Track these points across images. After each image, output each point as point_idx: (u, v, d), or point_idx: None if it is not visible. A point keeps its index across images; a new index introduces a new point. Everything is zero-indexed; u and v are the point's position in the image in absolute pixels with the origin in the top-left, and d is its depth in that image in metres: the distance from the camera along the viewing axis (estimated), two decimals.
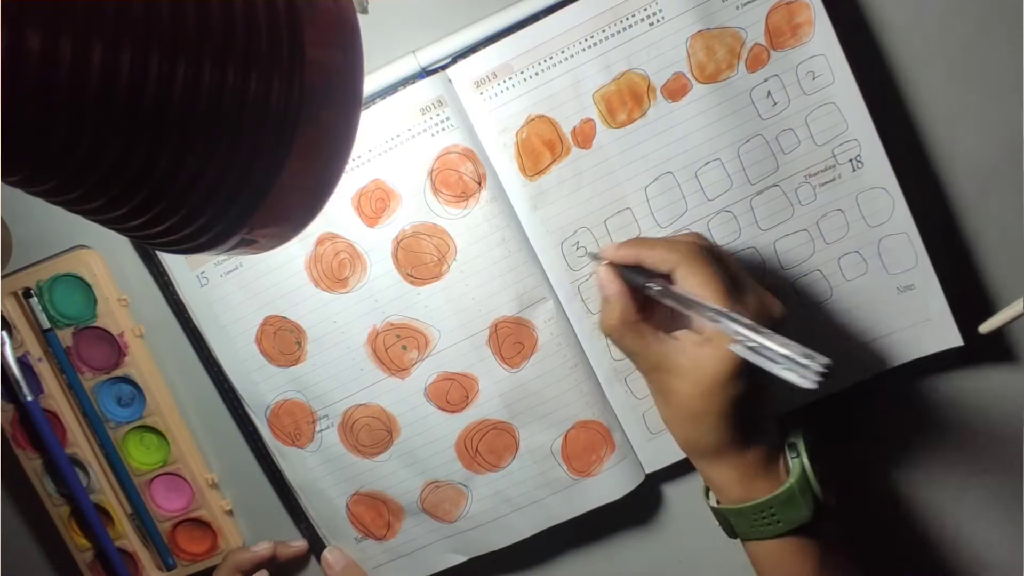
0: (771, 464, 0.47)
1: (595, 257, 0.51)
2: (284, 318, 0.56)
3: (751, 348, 0.42)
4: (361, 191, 0.54)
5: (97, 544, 0.60)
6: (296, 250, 0.55)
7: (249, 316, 0.56)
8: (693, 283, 0.45)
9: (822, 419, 0.56)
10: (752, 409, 0.46)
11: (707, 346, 0.44)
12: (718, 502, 0.49)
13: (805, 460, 0.47)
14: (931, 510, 0.59)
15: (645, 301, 0.48)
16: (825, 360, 0.39)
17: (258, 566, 0.59)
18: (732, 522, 0.48)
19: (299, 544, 0.61)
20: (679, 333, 0.47)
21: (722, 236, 0.54)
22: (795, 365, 0.40)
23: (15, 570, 0.64)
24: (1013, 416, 0.58)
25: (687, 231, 0.53)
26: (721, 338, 0.43)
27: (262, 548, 0.60)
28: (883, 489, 0.45)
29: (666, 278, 0.46)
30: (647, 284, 0.46)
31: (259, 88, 0.26)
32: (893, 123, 0.53)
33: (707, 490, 0.51)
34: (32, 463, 0.60)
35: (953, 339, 0.54)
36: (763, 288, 0.47)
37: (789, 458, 0.47)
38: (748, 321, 0.42)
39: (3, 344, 0.57)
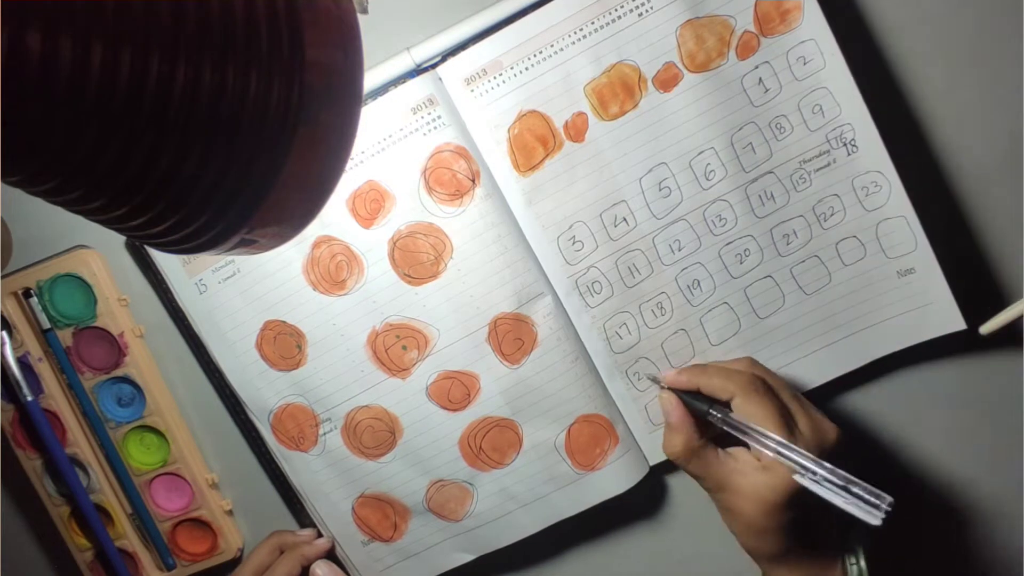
0: (830, 566, 0.49)
1: (656, 381, 0.54)
2: (284, 322, 0.56)
3: (815, 480, 0.44)
4: (355, 193, 0.54)
5: (97, 544, 0.60)
6: (293, 254, 0.55)
7: (249, 321, 0.56)
8: (751, 413, 0.47)
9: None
10: (814, 520, 0.48)
11: (765, 473, 0.47)
12: None
13: (863, 567, 0.49)
14: (930, 508, 0.59)
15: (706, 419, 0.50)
16: (889, 499, 0.43)
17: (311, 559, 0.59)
18: None
19: (323, 542, 0.60)
20: (738, 453, 0.49)
21: (718, 225, 0.54)
22: (859, 501, 0.43)
23: (15, 570, 0.64)
24: (1013, 415, 0.57)
25: (740, 357, 0.54)
26: (778, 465, 0.46)
27: (323, 542, 0.59)
28: (881, 486, 0.45)
29: (725, 404, 0.49)
30: (709, 412, 0.49)
31: (259, 88, 0.26)
32: (888, 106, 0.53)
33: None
34: (32, 463, 0.60)
35: (955, 323, 0.53)
36: (816, 411, 0.50)
37: (848, 563, 0.49)
38: (810, 455, 0.45)
39: (3, 344, 0.57)
